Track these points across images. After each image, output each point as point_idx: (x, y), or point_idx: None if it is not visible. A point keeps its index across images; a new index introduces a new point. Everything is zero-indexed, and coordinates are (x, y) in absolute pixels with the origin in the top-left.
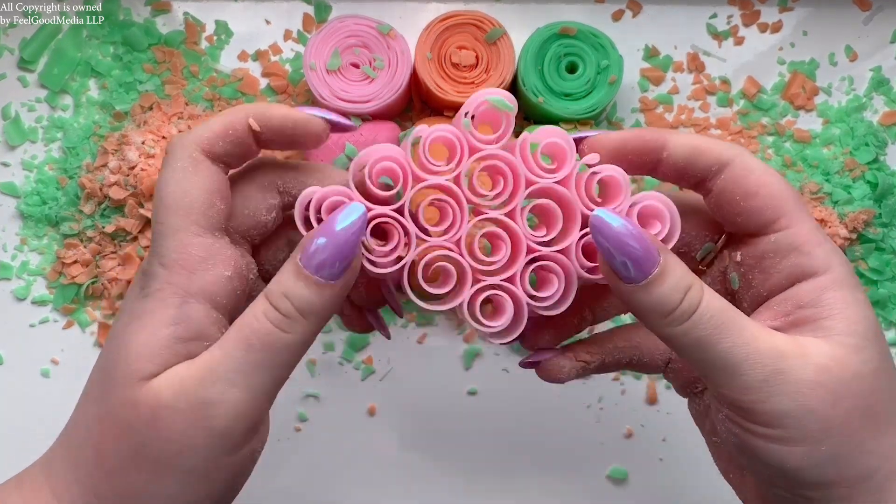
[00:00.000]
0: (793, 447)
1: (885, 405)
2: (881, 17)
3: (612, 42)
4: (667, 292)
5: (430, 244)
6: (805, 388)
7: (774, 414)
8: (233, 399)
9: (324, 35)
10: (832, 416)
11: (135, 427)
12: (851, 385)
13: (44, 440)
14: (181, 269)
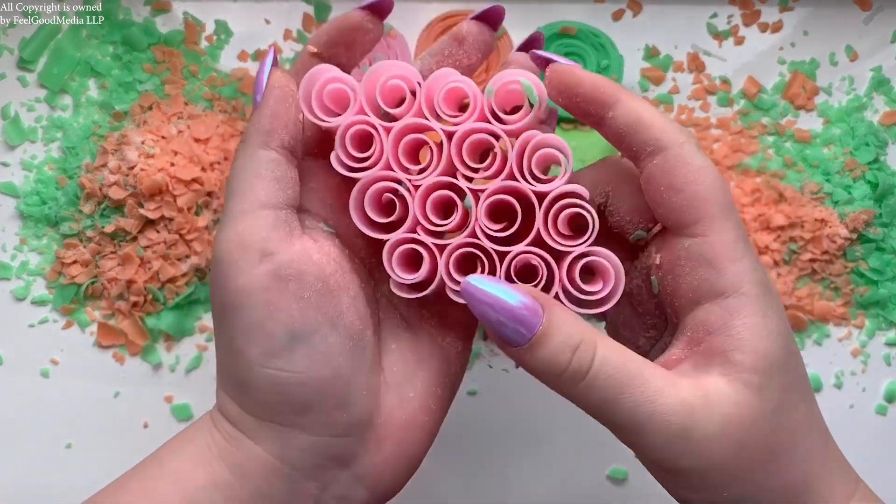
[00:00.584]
0: (695, 493)
1: (784, 440)
2: (882, 17)
3: (613, 42)
4: (552, 353)
5: (451, 246)
6: (711, 445)
7: (681, 471)
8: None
9: None
10: (735, 467)
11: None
12: (753, 430)
13: (44, 440)
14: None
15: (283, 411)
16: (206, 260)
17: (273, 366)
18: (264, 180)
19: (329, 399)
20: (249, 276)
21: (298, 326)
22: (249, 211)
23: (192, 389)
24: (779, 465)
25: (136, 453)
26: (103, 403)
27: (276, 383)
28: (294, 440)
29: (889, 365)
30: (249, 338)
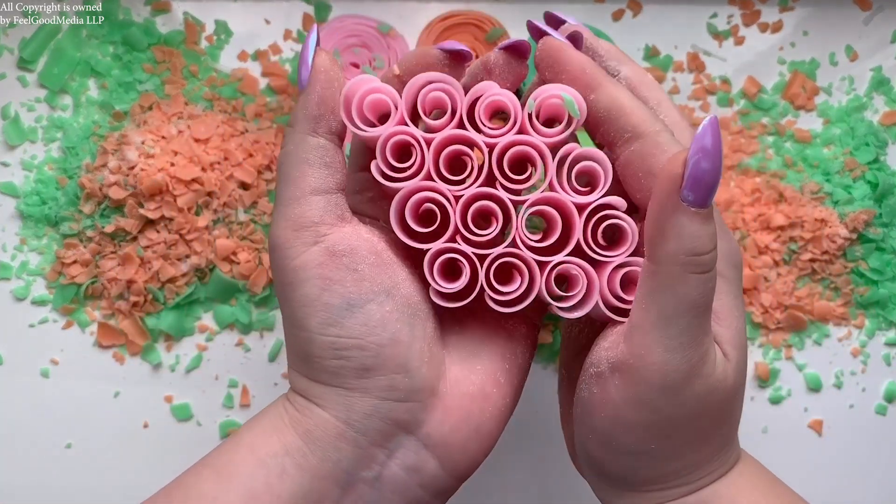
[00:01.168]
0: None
1: (719, 420)
2: (882, 17)
3: (613, 42)
4: (711, 232)
5: (491, 256)
6: (693, 403)
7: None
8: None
9: (324, 35)
10: (691, 427)
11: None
12: (718, 400)
13: (44, 440)
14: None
15: (346, 375)
16: (207, 260)
17: (331, 333)
18: (314, 167)
19: (388, 363)
20: (304, 256)
21: (354, 296)
22: (301, 197)
23: (193, 389)
24: (707, 437)
25: (136, 453)
26: (103, 403)
27: (335, 349)
28: (357, 403)
29: (889, 365)
30: (308, 310)
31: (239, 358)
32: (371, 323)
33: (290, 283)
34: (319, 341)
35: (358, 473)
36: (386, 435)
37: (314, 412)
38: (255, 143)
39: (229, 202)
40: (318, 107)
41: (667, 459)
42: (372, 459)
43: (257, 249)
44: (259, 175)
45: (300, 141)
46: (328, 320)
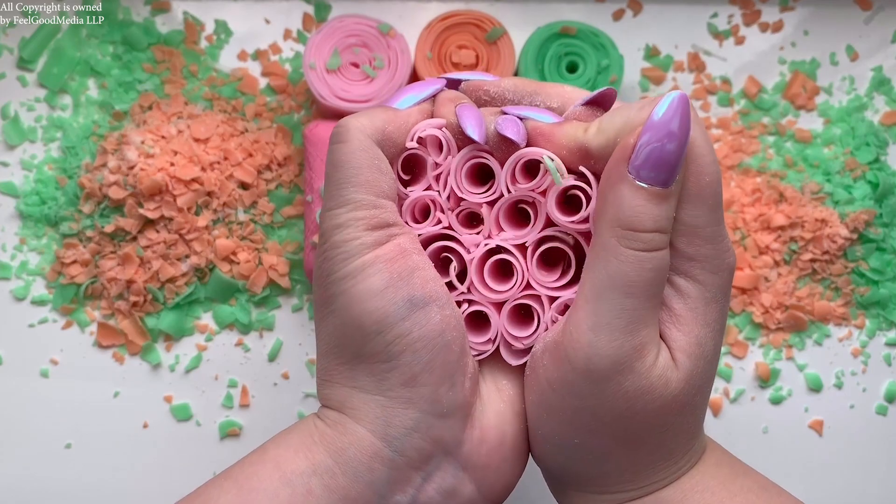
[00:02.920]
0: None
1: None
2: (882, 17)
3: (613, 41)
4: (658, 214)
5: (507, 305)
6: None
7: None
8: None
9: (323, 34)
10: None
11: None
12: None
13: (43, 440)
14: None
15: (392, 381)
16: (206, 260)
17: (389, 333)
18: (385, 175)
19: (436, 372)
20: (375, 252)
21: (418, 294)
22: (377, 200)
23: (192, 389)
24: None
25: (135, 453)
26: (103, 403)
27: (389, 351)
28: (399, 417)
29: (889, 365)
30: (368, 306)
31: (239, 358)
32: (428, 326)
33: (349, 275)
34: (373, 342)
35: (391, 497)
36: (425, 456)
37: (348, 428)
38: (254, 142)
39: (229, 202)
40: (399, 129)
41: (596, 458)
42: (407, 482)
43: (257, 249)
44: (259, 175)
45: (368, 147)
46: (387, 317)
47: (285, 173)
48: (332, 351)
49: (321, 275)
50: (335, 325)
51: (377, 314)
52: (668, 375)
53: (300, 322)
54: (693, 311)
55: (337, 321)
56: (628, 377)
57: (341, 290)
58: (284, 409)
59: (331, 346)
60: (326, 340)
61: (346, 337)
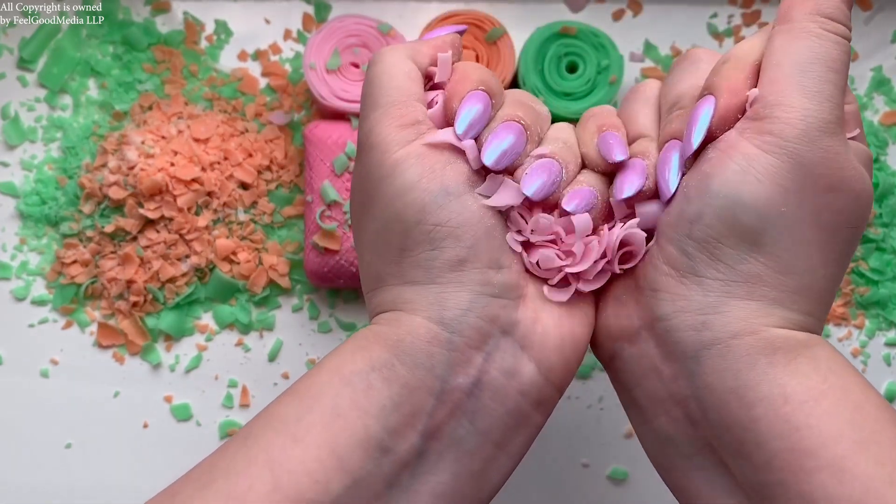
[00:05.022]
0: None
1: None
2: (882, 17)
3: (613, 42)
4: (847, 11)
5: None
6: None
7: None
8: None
9: (323, 35)
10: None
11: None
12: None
13: (44, 440)
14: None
15: (440, 268)
16: (206, 259)
17: (428, 221)
18: (415, 83)
19: (482, 256)
20: (407, 148)
21: (451, 184)
22: (407, 101)
23: (192, 389)
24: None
25: (136, 453)
26: (103, 403)
27: (430, 238)
28: (452, 298)
29: (889, 365)
30: (406, 199)
31: (239, 358)
32: (466, 213)
33: (388, 176)
34: (416, 231)
35: (453, 380)
36: (483, 334)
37: (403, 320)
38: (255, 142)
39: (229, 202)
40: (430, 49)
41: (784, 249)
42: (468, 363)
43: (257, 249)
44: (259, 175)
45: (402, 60)
46: (425, 207)
47: (285, 173)
48: (377, 254)
49: (359, 184)
50: (377, 227)
51: (415, 205)
52: (863, 172)
53: (300, 322)
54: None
55: (378, 222)
56: (838, 143)
57: (379, 190)
58: None
59: (376, 249)
60: (370, 247)
61: (390, 233)
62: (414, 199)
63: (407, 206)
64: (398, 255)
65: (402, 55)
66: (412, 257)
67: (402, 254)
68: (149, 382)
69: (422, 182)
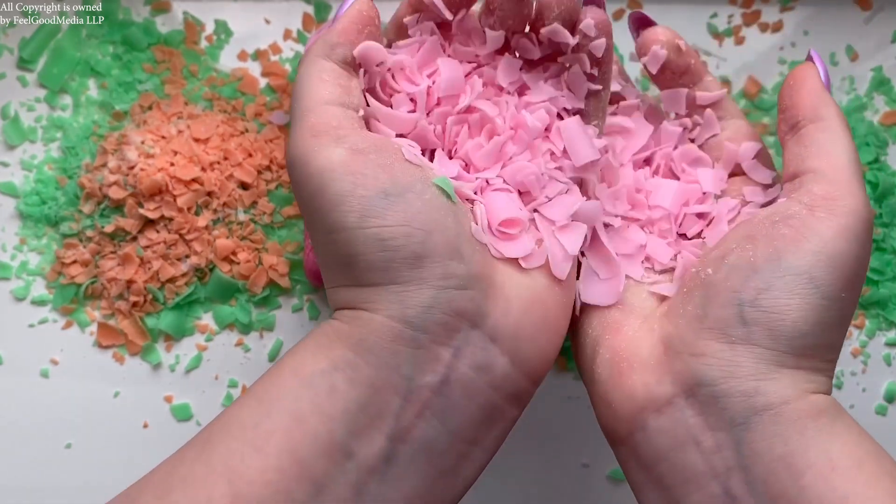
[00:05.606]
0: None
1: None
2: (882, 17)
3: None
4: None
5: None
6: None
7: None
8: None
9: None
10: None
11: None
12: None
13: (43, 440)
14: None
15: (397, 267)
16: (206, 259)
17: (372, 224)
18: (328, 84)
19: (439, 248)
20: (327, 157)
21: (389, 186)
22: (316, 107)
23: (192, 389)
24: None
25: (136, 453)
26: (103, 403)
27: (380, 240)
28: (414, 297)
29: (889, 365)
30: (343, 208)
31: (239, 358)
32: (411, 210)
33: (317, 188)
34: (362, 236)
35: (421, 379)
36: (449, 329)
37: (364, 319)
38: (255, 142)
39: (229, 202)
40: (339, 36)
41: (834, 329)
42: (436, 360)
43: (257, 249)
44: (259, 175)
45: (313, 62)
46: (366, 212)
47: (285, 173)
48: (329, 258)
49: (297, 199)
50: (322, 236)
51: (354, 212)
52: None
53: (300, 322)
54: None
55: (322, 234)
56: (869, 236)
57: (313, 205)
58: None
59: (326, 254)
60: (321, 251)
61: (336, 244)
62: (350, 207)
63: (345, 214)
64: (351, 259)
65: (314, 57)
66: (365, 260)
67: (354, 257)
68: (149, 382)
69: (357, 190)
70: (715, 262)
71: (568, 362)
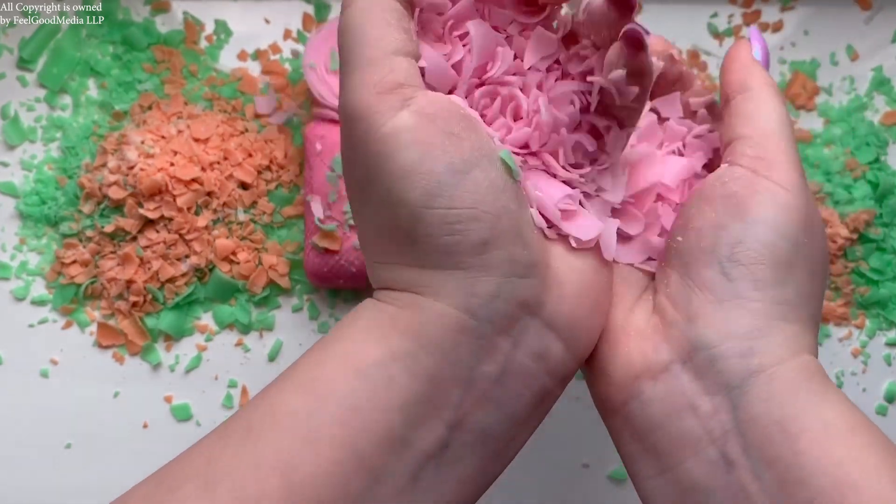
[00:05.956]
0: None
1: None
2: (882, 17)
3: None
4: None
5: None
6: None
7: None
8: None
9: (323, 34)
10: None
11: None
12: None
13: (43, 440)
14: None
15: (463, 252)
16: (206, 259)
17: (439, 205)
18: (394, 29)
19: (506, 233)
20: (395, 121)
21: (457, 161)
22: (384, 58)
23: (192, 389)
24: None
25: (135, 453)
26: (103, 403)
27: (447, 223)
28: (479, 285)
29: (889, 365)
30: (407, 182)
31: (239, 358)
32: (480, 191)
33: (380, 154)
34: (428, 216)
35: (479, 369)
36: (511, 319)
37: (425, 305)
38: (255, 142)
39: (229, 202)
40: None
41: (805, 279)
42: (496, 350)
43: (257, 249)
44: (259, 175)
45: (376, 2)
46: (433, 190)
47: (285, 173)
48: (383, 234)
49: (349, 157)
50: (379, 210)
51: (419, 190)
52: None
53: (300, 322)
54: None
55: (379, 205)
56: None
57: (373, 170)
58: None
59: (382, 230)
60: (371, 222)
61: (396, 218)
62: (416, 183)
63: (410, 191)
64: (410, 239)
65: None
66: (429, 242)
67: (415, 237)
68: (149, 382)
69: (424, 162)
70: (681, 229)
71: None
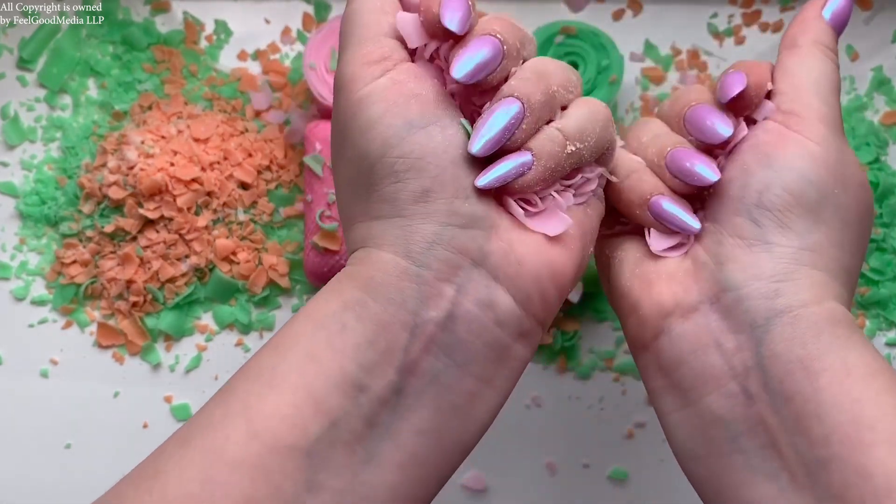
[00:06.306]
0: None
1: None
2: (882, 17)
3: (613, 42)
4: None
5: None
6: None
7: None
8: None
9: (323, 34)
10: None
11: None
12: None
13: (43, 440)
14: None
15: (404, 200)
16: (206, 259)
17: (391, 154)
18: (389, 16)
19: (448, 186)
20: (371, 86)
21: (416, 117)
22: (374, 37)
23: (192, 389)
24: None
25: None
26: (103, 403)
27: (394, 170)
28: (417, 232)
29: None
30: (370, 134)
31: (238, 358)
32: (431, 144)
33: (353, 114)
34: (379, 165)
35: (426, 314)
36: (451, 266)
37: (372, 256)
38: (255, 142)
39: (229, 202)
40: None
41: (836, 227)
42: (439, 296)
43: (257, 249)
44: (259, 175)
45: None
46: (388, 141)
47: (285, 173)
48: (350, 193)
49: (334, 125)
50: (348, 167)
51: (378, 139)
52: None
53: None
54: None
55: (348, 162)
56: (847, 145)
57: (347, 129)
58: None
59: (349, 187)
60: (344, 186)
61: (358, 171)
62: (377, 133)
63: (370, 141)
64: (367, 192)
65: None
66: (378, 191)
67: (370, 189)
68: (149, 382)
69: (385, 117)
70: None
71: (568, 362)
